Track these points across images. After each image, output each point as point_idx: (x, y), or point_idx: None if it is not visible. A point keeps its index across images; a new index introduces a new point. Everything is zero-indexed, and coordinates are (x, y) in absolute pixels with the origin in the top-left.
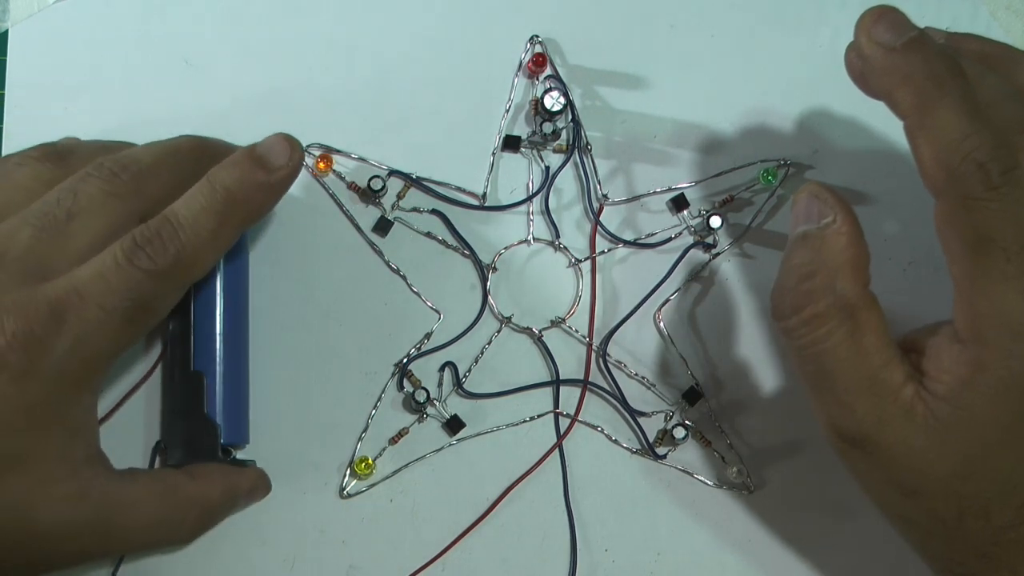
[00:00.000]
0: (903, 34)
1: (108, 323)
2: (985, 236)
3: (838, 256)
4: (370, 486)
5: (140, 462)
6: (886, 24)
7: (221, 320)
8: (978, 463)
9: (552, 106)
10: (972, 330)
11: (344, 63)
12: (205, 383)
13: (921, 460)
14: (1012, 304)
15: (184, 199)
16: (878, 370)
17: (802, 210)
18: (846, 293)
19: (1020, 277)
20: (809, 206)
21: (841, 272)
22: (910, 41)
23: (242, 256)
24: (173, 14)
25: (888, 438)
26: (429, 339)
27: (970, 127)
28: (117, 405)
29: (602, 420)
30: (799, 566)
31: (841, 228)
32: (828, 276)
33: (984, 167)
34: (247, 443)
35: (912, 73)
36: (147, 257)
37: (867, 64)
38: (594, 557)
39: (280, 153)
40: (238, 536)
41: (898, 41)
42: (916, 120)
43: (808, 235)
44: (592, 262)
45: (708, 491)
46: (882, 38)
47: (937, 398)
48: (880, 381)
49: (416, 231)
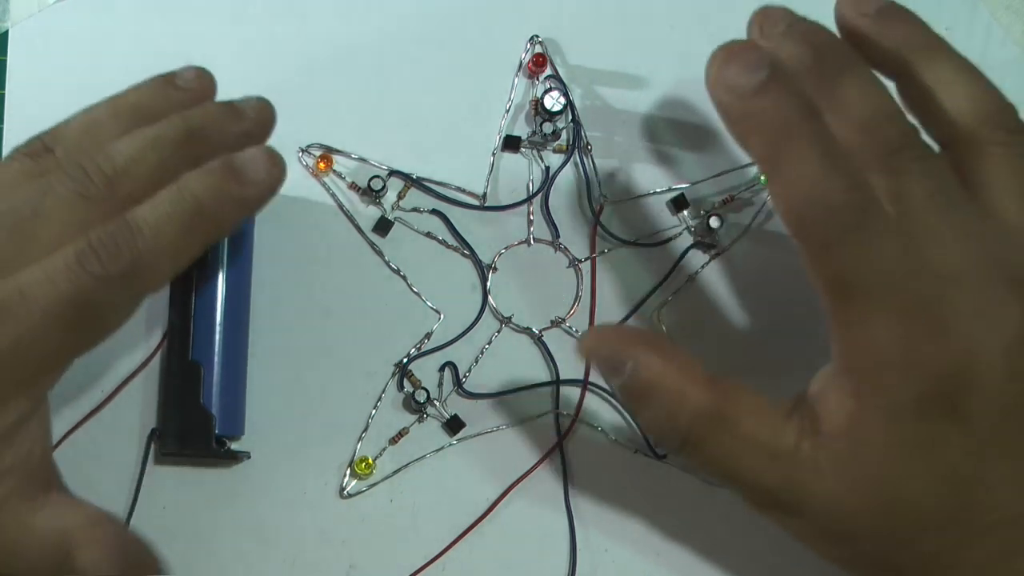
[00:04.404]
0: (755, 75)
1: (51, 327)
2: (844, 279)
3: (664, 385)
4: (370, 486)
5: (136, 448)
6: (737, 67)
7: (221, 312)
8: (887, 496)
9: (552, 106)
10: (845, 365)
11: (344, 63)
12: (202, 373)
13: (837, 506)
14: (880, 340)
15: (150, 203)
16: (768, 445)
17: (603, 369)
18: (699, 403)
19: (881, 311)
20: (604, 364)
21: (680, 390)
22: (760, 85)
23: (246, 250)
24: (173, 14)
25: (801, 498)
26: (429, 339)
27: (820, 172)
28: (115, 391)
29: (602, 420)
30: (799, 566)
31: (647, 364)
32: (673, 404)
33: (835, 212)
34: (242, 435)
35: (762, 121)
36: (98, 262)
37: (720, 110)
38: (594, 557)
39: (259, 168)
40: (238, 536)
41: (749, 84)
42: (768, 168)
43: (626, 387)
44: (592, 262)
45: (708, 491)
46: (733, 82)
47: (833, 438)
48: (774, 453)
49: (416, 231)
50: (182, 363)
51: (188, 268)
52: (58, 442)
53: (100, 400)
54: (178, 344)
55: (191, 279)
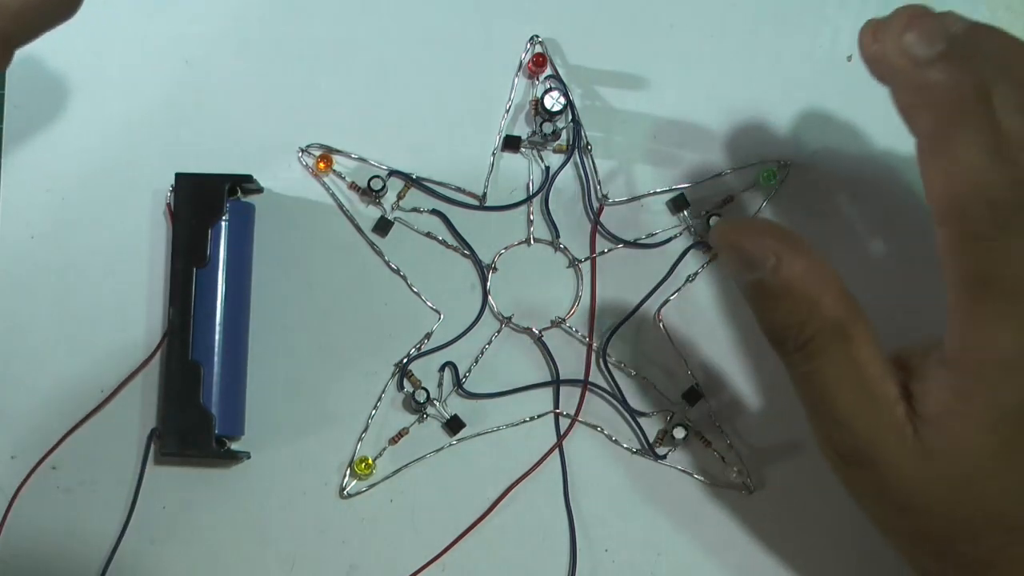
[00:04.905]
0: (934, 45)
1: None
2: (986, 274)
3: (803, 289)
4: (370, 486)
5: (135, 447)
6: (918, 32)
7: (221, 312)
8: (964, 490)
9: (552, 106)
10: (961, 360)
11: (344, 63)
12: (202, 373)
13: (910, 481)
14: (1004, 342)
15: None
16: (873, 385)
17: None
18: (831, 315)
19: (1013, 315)
20: (741, 256)
21: (817, 299)
22: (939, 56)
23: (246, 249)
24: (173, 14)
25: (881, 456)
26: (429, 339)
27: (988, 161)
28: (115, 391)
29: (602, 420)
30: (799, 566)
31: (790, 263)
32: (805, 308)
33: (995, 206)
34: (242, 435)
35: (935, 94)
36: None
37: (890, 74)
38: (594, 557)
39: None
40: (238, 536)
41: (928, 53)
42: (931, 144)
43: (760, 285)
44: (592, 262)
45: (708, 491)
46: (912, 49)
47: (924, 421)
48: (875, 396)
49: (416, 231)
50: (182, 363)
51: (188, 268)
52: (58, 442)
53: (100, 400)
54: (178, 344)
55: (191, 279)
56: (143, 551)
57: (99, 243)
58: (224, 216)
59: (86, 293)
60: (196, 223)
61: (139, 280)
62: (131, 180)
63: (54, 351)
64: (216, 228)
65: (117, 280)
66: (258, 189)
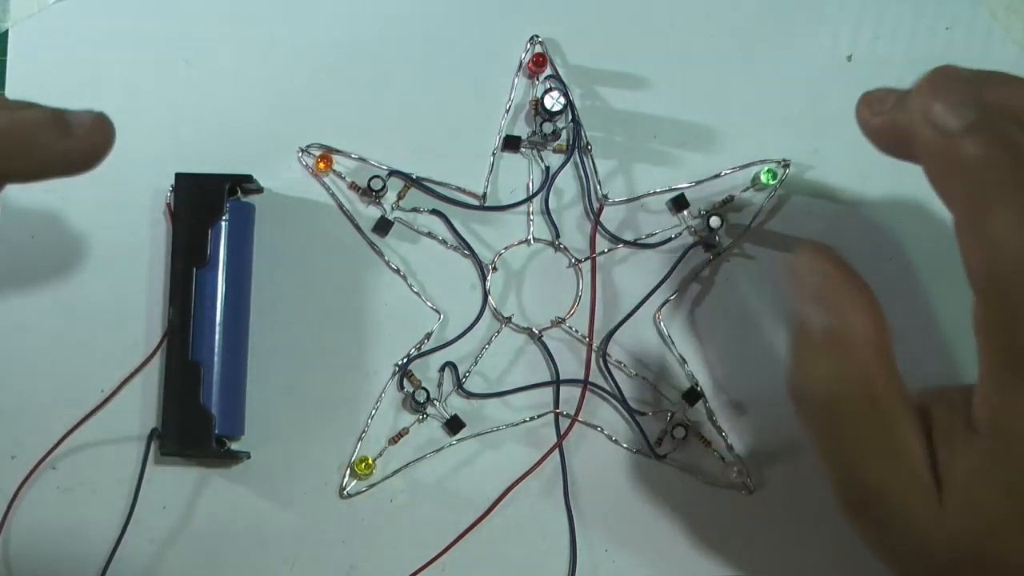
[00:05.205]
0: (965, 116)
1: None
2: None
3: (865, 349)
4: (370, 486)
5: (136, 447)
6: (946, 103)
7: (221, 312)
8: (981, 549)
9: (552, 106)
10: (990, 425)
11: (344, 63)
12: (202, 373)
13: (923, 537)
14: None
15: None
16: (896, 439)
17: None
18: (872, 375)
19: None
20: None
21: (868, 361)
22: (970, 127)
23: (246, 250)
24: (173, 14)
25: (904, 516)
26: (429, 339)
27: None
28: (115, 391)
29: (602, 420)
30: (799, 566)
31: (867, 323)
32: (855, 368)
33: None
34: (242, 435)
35: (968, 168)
36: None
37: (919, 147)
38: (594, 557)
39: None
40: (238, 536)
41: (957, 124)
42: (967, 220)
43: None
44: (592, 262)
45: (708, 491)
46: (941, 121)
47: (950, 482)
48: (896, 451)
49: (416, 231)
50: (182, 363)
51: (188, 268)
52: (58, 442)
53: (100, 400)
54: (178, 344)
55: (191, 279)
56: (143, 551)
57: (99, 243)
58: (224, 216)
59: (86, 293)
60: (196, 223)
61: (139, 280)
62: (131, 180)
63: (54, 351)
64: (216, 228)
65: (117, 280)
66: (258, 189)
